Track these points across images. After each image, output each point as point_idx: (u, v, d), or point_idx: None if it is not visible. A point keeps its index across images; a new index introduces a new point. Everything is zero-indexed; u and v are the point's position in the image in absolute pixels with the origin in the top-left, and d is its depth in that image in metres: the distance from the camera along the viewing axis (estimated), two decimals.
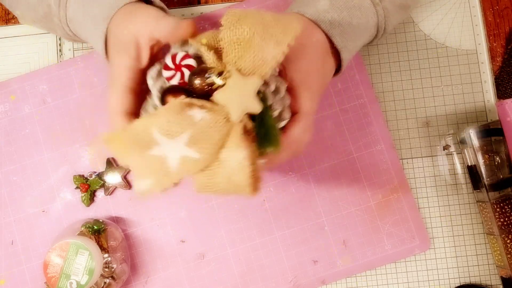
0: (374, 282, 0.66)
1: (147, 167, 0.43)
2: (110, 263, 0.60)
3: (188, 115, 0.42)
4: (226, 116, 0.43)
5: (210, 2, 0.70)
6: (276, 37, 0.43)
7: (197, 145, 0.42)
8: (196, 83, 0.43)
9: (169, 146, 0.42)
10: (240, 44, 0.43)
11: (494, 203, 0.63)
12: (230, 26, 0.44)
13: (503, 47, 0.69)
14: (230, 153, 0.43)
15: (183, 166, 0.42)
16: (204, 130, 0.42)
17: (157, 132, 0.41)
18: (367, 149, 0.67)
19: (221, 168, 0.43)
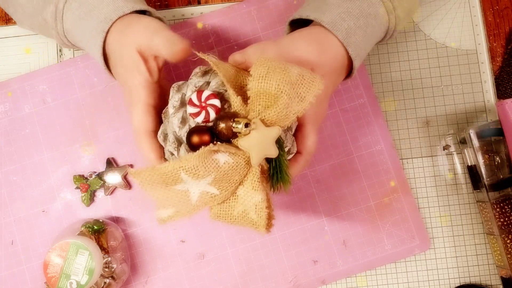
0: (374, 282, 0.66)
1: (170, 199, 0.47)
2: (110, 263, 0.60)
3: (213, 159, 0.45)
4: (247, 159, 0.47)
5: (210, 2, 0.70)
6: (300, 95, 0.47)
7: (219, 184, 0.46)
8: (222, 127, 0.46)
9: (193, 185, 0.46)
10: (266, 97, 0.46)
11: (494, 203, 0.63)
12: (259, 79, 0.47)
13: (503, 47, 0.69)
14: (248, 192, 0.47)
15: (202, 200, 0.47)
16: (227, 172, 0.46)
17: (185, 174, 0.45)
18: (367, 149, 0.67)
19: (238, 203, 0.48)
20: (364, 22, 0.55)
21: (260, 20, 0.68)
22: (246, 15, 0.69)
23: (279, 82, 0.46)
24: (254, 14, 0.69)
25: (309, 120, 0.52)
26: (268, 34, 0.68)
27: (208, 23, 0.69)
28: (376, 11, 0.56)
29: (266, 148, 0.47)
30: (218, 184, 0.46)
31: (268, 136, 0.47)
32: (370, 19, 0.55)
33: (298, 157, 0.53)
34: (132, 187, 0.66)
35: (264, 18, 0.68)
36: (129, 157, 0.67)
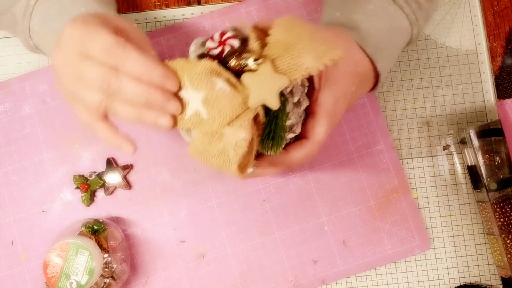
0: (374, 282, 0.66)
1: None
2: (110, 263, 0.60)
3: (212, 79, 0.45)
4: (245, 98, 0.46)
5: (210, 2, 0.70)
6: (317, 52, 0.46)
7: (209, 108, 0.45)
8: (232, 61, 0.46)
9: (191, 94, 0.46)
10: (284, 46, 0.46)
11: (494, 203, 0.63)
12: (282, 28, 0.46)
13: (503, 47, 0.69)
14: (234, 130, 0.46)
15: (193, 117, 0.46)
16: (220, 99, 0.45)
17: (186, 78, 0.46)
18: (367, 149, 0.67)
19: (220, 141, 0.46)
20: (390, 37, 0.55)
21: (260, 20, 0.68)
22: (246, 15, 0.69)
23: (301, 32, 0.46)
24: (254, 14, 0.69)
25: (324, 109, 0.51)
26: None
27: (208, 23, 0.69)
28: (401, 25, 0.56)
29: (268, 94, 0.45)
30: (208, 108, 0.45)
31: (273, 82, 0.45)
32: (396, 33, 0.56)
33: (304, 141, 0.51)
34: (132, 187, 0.66)
35: (264, 18, 0.68)
36: (129, 157, 0.67)
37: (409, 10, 0.56)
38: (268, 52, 0.46)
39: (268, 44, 0.47)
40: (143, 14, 0.70)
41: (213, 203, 0.66)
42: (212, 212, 0.66)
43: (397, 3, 0.55)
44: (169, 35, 0.68)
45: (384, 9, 0.55)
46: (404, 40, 0.58)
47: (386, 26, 0.55)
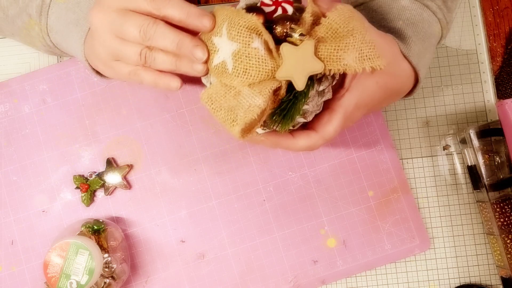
0: (374, 282, 0.66)
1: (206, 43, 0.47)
2: (110, 263, 0.60)
3: (250, 35, 0.44)
4: (275, 67, 0.45)
5: (210, 2, 0.70)
6: (362, 55, 0.45)
7: (237, 63, 0.45)
8: (277, 27, 0.45)
9: (225, 43, 0.45)
10: (334, 34, 0.45)
11: (494, 203, 0.63)
12: (339, 15, 0.45)
13: (503, 47, 0.69)
14: (252, 93, 0.45)
15: (218, 66, 0.46)
16: (250, 58, 0.45)
17: (225, 26, 0.45)
18: (367, 149, 0.67)
19: (234, 98, 0.46)
20: (428, 43, 0.55)
21: None
22: None
23: (355, 29, 0.45)
24: None
25: (343, 111, 0.50)
26: None
27: None
28: (435, 30, 0.56)
29: (298, 73, 0.44)
30: (236, 63, 0.45)
31: (308, 63, 0.44)
32: (431, 39, 0.56)
33: (311, 133, 0.50)
34: (132, 187, 0.66)
35: None
36: (129, 157, 0.67)
37: (441, 14, 0.55)
38: (316, 32, 0.46)
39: (321, 24, 0.46)
40: None
41: (213, 203, 0.66)
42: (212, 212, 0.66)
43: (430, 9, 0.55)
44: None
45: (420, 16, 0.54)
46: (437, 44, 0.58)
47: (425, 33, 0.55)
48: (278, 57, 0.45)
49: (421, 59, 0.54)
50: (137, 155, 0.67)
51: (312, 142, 0.50)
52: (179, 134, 0.67)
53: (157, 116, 0.67)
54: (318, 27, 0.46)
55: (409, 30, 0.54)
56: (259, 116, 0.45)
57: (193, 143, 0.67)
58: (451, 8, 0.56)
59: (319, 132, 0.50)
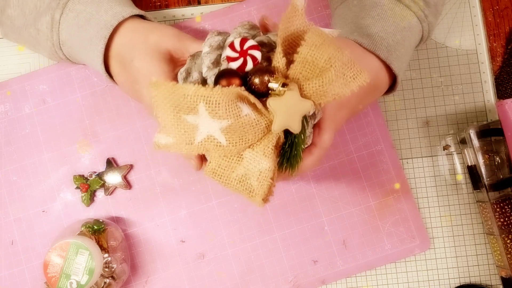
0: (374, 282, 0.66)
1: (175, 127, 0.43)
2: (110, 263, 0.60)
3: (237, 105, 0.42)
4: (268, 123, 0.44)
5: (210, 2, 0.70)
6: (346, 79, 0.44)
7: (229, 135, 0.43)
8: (256, 82, 0.44)
9: (205, 122, 0.42)
10: (312, 67, 0.44)
11: (494, 203, 0.63)
12: (311, 46, 0.44)
13: (503, 47, 0.69)
14: (257, 157, 0.44)
15: (207, 144, 0.43)
16: (244, 125, 0.43)
17: (204, 105, 0.42)
18: (367, 149, 0.67)
19: (239, 165, 0.45)
20: (401, 36, 0.55)
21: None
22: (246, 15, 0.69)
23: (332, 57, 0.43)
24: (254, 14, 0.69)
25: (329, 116, 0.51)
26: None
27: (208, 23, 0.69)
28: (410, 23, 0.56)
29: (291, 118, 0.44)
30: (229, 135, 0.43)
31: (298, 107, 0.44)
32: (405, 32, 0.56)
33: (313, 148, 0.51)
34: (132, 187, 0.66)
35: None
36: (129, 157, 0.67)
37: (417, 8, 0.56)
38: (294, 71, 0.44)
39: (295, 61, 0.44)
40: None
41: (213, 203, 0.66)
42: (212, 212, 0.66)
43: (403, 3, 0.55)
44: None
45: (391, 10, 0.55)
46: (416, 38, 0.58)
47: (396, 27, 0.55)
48: (268, 112, 0.44)
49: (392, 52, 0.55)
50: (137, 155, 0.67)
51: (316, 156, 0.51)
52: None
53: None
54: (294, 65, 0.44)
55: (377, 25, 0.55)
56: (272, 178, 0.44)
57: None
58: (429, 2, 0.57)
59: (318, 145, 0.51)
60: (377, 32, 0.55)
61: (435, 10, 0.58)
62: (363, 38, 0.55)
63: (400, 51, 0.56)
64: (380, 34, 0.55)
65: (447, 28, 0.69)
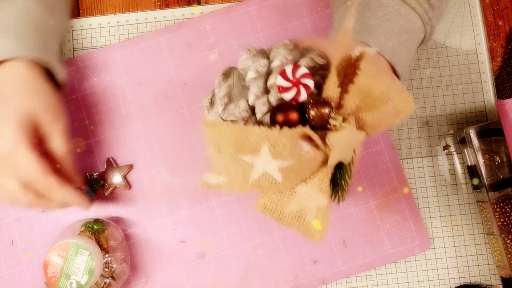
0: (374, 282, 0.66)
1: (230, 167, 0.42)
2: (110, 263, 0.60)
3: (299, 145, 0.41)
4: (325, 157, 0.42)
5: (210, 2, 0.70)
6: (399, 108, 0.43)
7: (288, 173, 0.41)
8: (313, 114, 0.42)
9: (265, 161, 0.40)
10: (368, 98, 0.42)
11: (494, 203, 0.63)
12: (367, 76, 0.42)
13: (503, 47, 0.69)
14: (313, 193, 0.42)
15: (261, 181, 0.41)
16: (303, 164, 0.41)
17: (267, 147, 0.40)
18: (367, 149, 0.67)
19: (293, 200, 0.43)
20: (406, 38, 0.56)
21: (260, 20, 0.68)
22: (246, 15, 0.69)
23: (388, 88, 0.41)
24: (254, 14, 0.69)
25: None
26: (268, 34, 0.68)
27: (208, 23, 0.69)
28: (414, 25, 0.56)
29: (346, 151, 0.42)
30: (286, 173, 0.41)
31: (354, 139, 0.42)
32: (409, 34, 0.56)
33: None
34: (131, 187, 0.66)
35: (264, 18, 0.68)
36: (129, 157, 0.67)
37: (422, 10, 0.56)
38: (348, 102, 0.42)
39: (350, 91, 0.42)
40: (143, 14, 0.70)
41: (213, 203, 0.66)
42: (212, 212, 0.66)
43: (409, 5, 0.55)
44: (169, 35, 0.68)
45: (397, 12, 0.55)
46: (419, 40, 0.58)
47: (401, 29, 0.55)
48: (325, 147, 0.42)
49: (396, 54, 0.55)
50: (137, 155, 0.67)
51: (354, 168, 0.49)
52: (179, 134, 0.67)
53: (157, 116, 0.67)
54: (349, 96, 0.42)
55: (383, 27, 0.55)
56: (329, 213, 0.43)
57: (193, 143, 0.67)
58: (434, 5, 0.57)
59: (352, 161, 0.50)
60: (382, 33, 0.55)
61: (438, 13, 0.58)
62: (370, 39, 0.54)
63: (404, 53, 0.56)
64: (386, 35, 0.55)
65: (447, 28, 0.69)
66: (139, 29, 0.69)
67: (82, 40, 0.69)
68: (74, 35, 0.69)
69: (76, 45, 0.69)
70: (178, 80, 0.68)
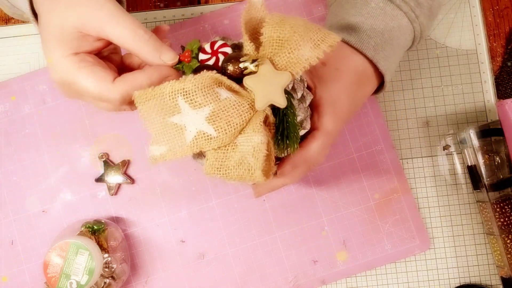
0: (374, 282, 0.66)
1: (165, 134, 0.44)
2: (110, 263, 0.60)
3: (214, 90, 0.43)
4: (251, 103, 0.44)
5: (210, 2, 0.70)
6: (314, 41, 0.44)
7: (216, 122, 0.43)
8: (229, 68, 0.45)
9: (190, 116, 0.43)
10: (279, 42, 0.45)
11: (494, 203, 0.63)
12: (273, 24, 0.45)
13: (503, 47, 0.69)
14: (248, 137, 0.44)
15: (198, 140, 0.44)
16: (227, 109, 0.43)
17: (182, 99, 0.43)
18: (367, 149, 0.67)
19: (235, 152, 0.45)
20: (389, 36, 0.56)
21: None
22: None
23: (293, 25, 0.44)
24: None
25: (325, 101, 0.51)
26: None
27: (208, 23, 0.69)
28: (399, 23, 0.56)
29: (273, 93, 0.44)
30: (216, 123, 0.43)
31: (276, 79, 0.44)
32: (394, 31, 0.56)
33: (315, 133, 0.51)
34: (135, 181, 0.66)
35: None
36: (129, 157, 0.67)
37: (407, 8, 0.56)
38: (264, 52, 0.45)
39: (262, 43, 0.46)
40: (143, 14, 0.70)
41: (213, 203, 0.66)
42: (212, 212, 0.66)
43: (394, 3, 0.56)
44: (169, 35, 0.68)
45: (381, 9, 0.55)
46: (407, 39, 0.58)
47: (385, 27, 0.55)
48: (247, 92, 0.45)
49: (379, 51, 0.55)
50: (137, 155, 0.67)
51: (320, 140, 0.50)
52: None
53: None
54: (262, 47, 0.45)
55: (366, 24, 0.55)
56: (267, 151, 0.44)
57: None
58: (421, 3, 0.57)
59: (320, 129, 0.51)
60: (365, 31, 0.55)
61: (428, 11, 0.58)
62: (351, 36, 0.55)
63: (388, 50, 0.56)
64: (368, 33, 0.55)
65: (447, 28, 0.69)
66: None
67: None
68: None
69: None
70: None
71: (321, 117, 0.51)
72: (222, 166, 0.45)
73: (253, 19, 0.47)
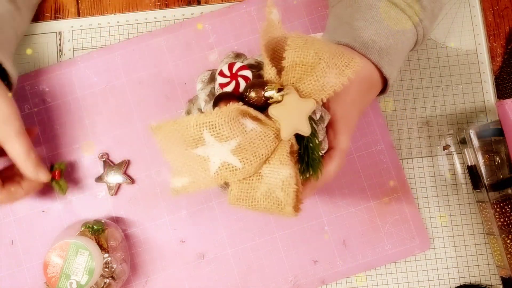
0: (374, 282, 0.66)
1: (188, 165, 0.43)
2: (110, 263, 0.60)
3: (240, 122, 0.42)
4: (276, 132, 0.43)
5: (210, 2, 0.70)
6: (339, 67, 0.44)
7: (242, 154, 0.42)
8: (253, 96, 0.43)
9: (215, 149, 0.42)
10: (302, 67, 0.44)
11: (494, 203, 0.63)
12: (296, 48, 0.44)
13: (503, 47, 0.69)
14: (275, 169, 0.43)
15: (222, 172, 0.42)
16: (253, 140, 0.42)
17: (208, 132, 0.41)
18: (367, 149, 0.67)
19: (261, 183, 0.44)
20: (394, 40, 0.55)
21: (260, 20, 0.68)
22: (246, 15, 0.69)
23: (318, 50, 0.43)
24: (254, 14, 0.69)
25: (340, 117, 0.51)
26: None
27: (208, 23, 0.69)
28: (404, 27, 0.56)
29: (298, 122, 0.43)
30: (241, 155, 0.42)
31: (301, 108, 0.43)
32: (399, 36, 0.56)
33: (331, 152, 0.51)
34: (135, 181, 0.66)
35: (264, 18, 0.68)
36: (129, 157, 0.67)
37: (412, 12, 0.56)
38: (286, 77, 0.44)
39: (285, 68, 0.44)
40: (143, 14, 0.70)
41: (213, 203, 0.66)
42: (212, 212, 0.66)
43: (398, 6, 0.55)
44: (169, 35, 0.68)
45: (386, 14, 0.55)
46: (410, 42, 0.58)
47: (389, 31, 0.55)
48: (272, 121, 0.44)
49: (384, 56, 0.55)
50: (137, 155, 0.67)
51: (337, 160, 0.50)
52: None
53: (157, 116, 0.67)
54: (284, 72, 0.45)
55: (371, 28, 0.55)
56: (296, 184, 0.43)
57: None
58: (426, 6, 0.57)
59: (336, 147, 0.51)
60: (369, 35, 0.55)
61: (431, 14, 0.58)
62: (355, 42, 0.54)
63: (392, 55, 0.56)
64: (372, 38, 0.55)
65: (447, 28, 0.69)
66: (139, 29, 0.69)
67: (82, 40, 0.69)
68: (74, 35, 0.69)
69: (76, 45, 0.69)
70: (178, 80, 0.68)
71: (337, 135, 0.51)
72: (248, 197, 0.44)
73: (272, 40, 0.46)
